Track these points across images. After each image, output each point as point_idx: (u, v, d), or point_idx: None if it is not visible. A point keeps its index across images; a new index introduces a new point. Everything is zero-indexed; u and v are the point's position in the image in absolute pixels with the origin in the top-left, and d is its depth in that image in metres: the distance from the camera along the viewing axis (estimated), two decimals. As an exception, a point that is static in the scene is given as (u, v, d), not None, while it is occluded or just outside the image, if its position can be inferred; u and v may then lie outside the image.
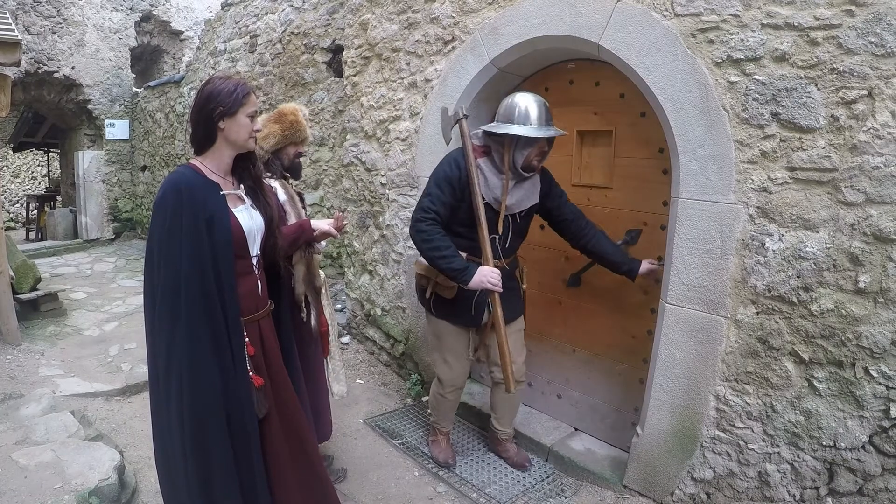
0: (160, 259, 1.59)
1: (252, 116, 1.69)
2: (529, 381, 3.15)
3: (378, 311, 3.94)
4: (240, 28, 6.22)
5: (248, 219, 1.73)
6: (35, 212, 10.86)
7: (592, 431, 2.96)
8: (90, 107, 8.76)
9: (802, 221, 1.99)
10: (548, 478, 2.72)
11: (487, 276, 2.26)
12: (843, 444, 1.97)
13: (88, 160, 9.14)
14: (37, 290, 4.81)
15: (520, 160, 2.31)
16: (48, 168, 13.55)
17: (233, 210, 1.68)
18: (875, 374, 1.89)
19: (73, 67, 8.31)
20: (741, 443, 2.20)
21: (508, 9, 2.78)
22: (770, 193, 2.04)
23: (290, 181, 2.48)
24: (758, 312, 2.11)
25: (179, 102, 7.85)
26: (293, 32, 5.27)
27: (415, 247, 2.41)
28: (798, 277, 2.00)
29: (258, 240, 1.78)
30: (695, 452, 2.31)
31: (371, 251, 3.94)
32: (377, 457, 2.88)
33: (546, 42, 2.67)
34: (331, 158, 5.05)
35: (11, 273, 4.28)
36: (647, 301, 2.65)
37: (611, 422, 2.88)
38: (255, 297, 1.77)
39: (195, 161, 1.71)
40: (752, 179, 2.07)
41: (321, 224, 2.25)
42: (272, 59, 5.63)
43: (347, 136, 4.10)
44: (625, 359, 2.78)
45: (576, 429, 3.03)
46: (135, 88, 9.18)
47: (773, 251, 2.05)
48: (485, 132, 2.39)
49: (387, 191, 3.69)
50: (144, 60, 10.38)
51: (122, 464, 2.52)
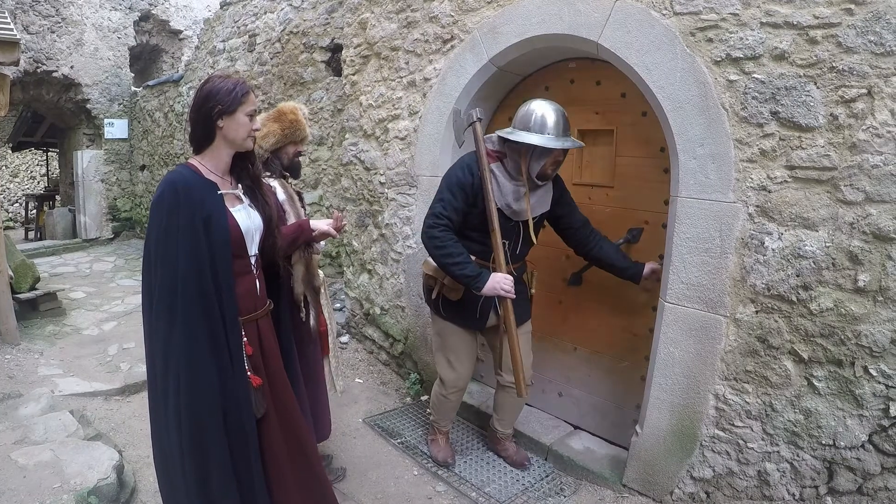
0: (158, 258, 1.59)
1: (251, 115, 1.69)
2: (532, 380, 3.15)
3: (377, 311, 3.93)
4: (238, 27, 6.21)
5: (246, 218, 1.73)
6: (34, 211, 10.84)
7: (594, 429, 2.96)
8: (89, 106, 8.75)
9: (802, 220, 1.99)
10: (547, 477, 2.72)
11: (501, 283, 2.25)
12: (843, 443, 1.97)
13: (87, 159, 9.13)
14: (36, 290, 4.80)
15: (535, 169, 2.30)
16: (47, 167, 13.54)
17: (230, 209, 1.68)
18: (874, 373, 1.89)
19: (72, 67, 8.30)
20: (740, 442, 2.20)
21: (507, 7, 2.78)
22: (769, 192, 2.04)
23: (290, 180, 2.48)
24: (757, 311, 2.11)
25: (178, 102, 7.84)
26: (292, 31, 5.26)
27: (426, 251, 2.40)
28: (797, 276, 2.00)
29: (256, 239, 1.78)
30: (694, 451, 2.31)
31: (370, 250, 3.94)
32: (376, 456, 2.88)
33: (545, 41, 2.67)
34: (330, 157, 5.04)
35: (10, 272, 4.28)
36: (649, 299, 2.65)
37: (613, 419, 2.88)
38: (254, 297, 1.77)
39: (193, 160, 1.71)
40: (752, 178, 2.07)
41: (320, 224, 2.25)
42: (271, 59, 5.61)
43: (346, 136, 4.09)
44: (626, 356, 2.78)
45: (575, 427, 3.02)
46: (134, 88, 9.17)
47: (773, 250, 2.04)
48: (500, 138, 2.37)
49: (386, 190, 3.69)
50: (143, 60, 10.37)
51: (121, 463, 2.52)
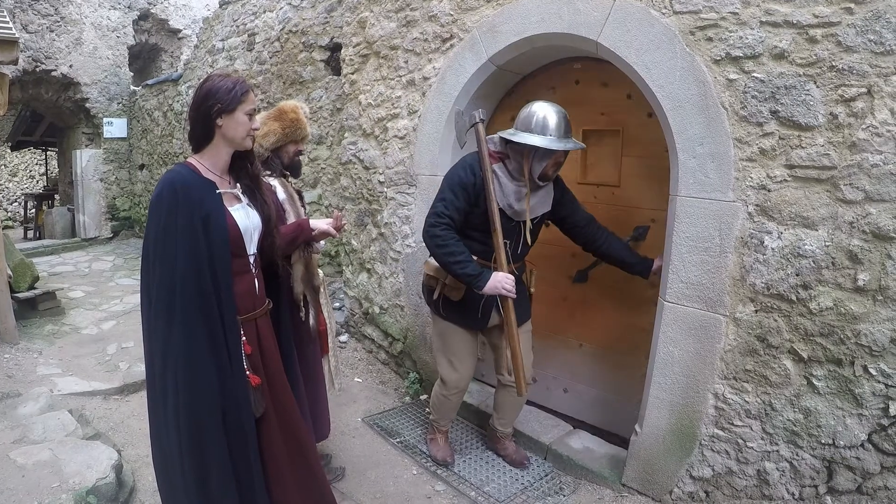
0: (156, 258, 1.59)
1: (250, 114, 1.69)
2: (534, 377, 3.16)
3: (376, 310, 3.93)
4: (238, 26, 6.20)
5: (245, 217, 1.72)
6: (33, 210, 10.83)
7: (600, 424, 2.98)
8: (88, 105, 8.75)
9: (801, 219, 1.99)
10: (546, 476, 2.72)
11: (502, 282, 2.25)
12: (842, 443, 1.97)
13: (86, 159, 9.12)
14: (35, 289, 4.80)
15: (537, 170, 2.31)
16: (46, 167, 13.53)
17: (229, 209, 1.68)
18: (874, 372, 1.89)
19: (71, 66, 8.30)
20: (740, 441, 2.20)
21: (507, 6, 2.78)
22: (769, 191, 2.04)
23: (290, 179, 2.47)
24: (756, 310, 2.11)
25: (177, 101, 7.84)
26: (291, 30, 5.25)
27: (428, 250, 2.40)
28: (797, 275, 2.00)
29: (255, 238, 1.78)
30: (693, 451, 2.31)
31: (369, 249, 3.93)
32: (375, 455, 2.88)
33: (544, 40, 2.67)
34: (329, 157, 5.04)
35: (9, 272, 4.27)
36: (654, 295, 2.63)
37: (619, 414, 2.88)
38: (253, 296, 1.77)
39: (192, 159, 1.70)
40: (751, 177, 2.07)
41: (320, 223, 2.24)
42: (270, 58, 5.61)
43: (346, 135, 4.09)
44: (632, 352, 2.78)
45: (581, 423, 3.03)
46: (133, 87, 9.16)
47: (772, 249, 2.04)
48: (502, 139, 2.38)
49: (385, 189, 3.69)
50: (142, 59, 10.37)
51: (120, 462, 2.52)
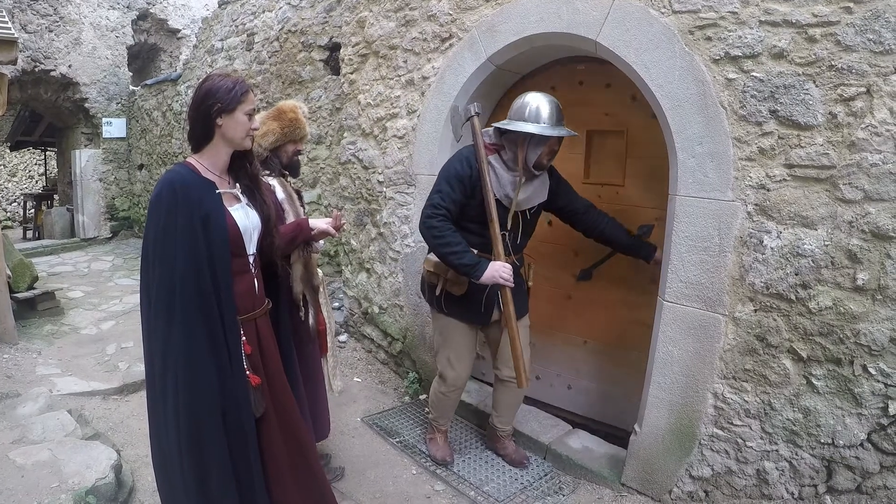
0: (156, 258, 1.58)
1: (250, 114, 1.69)
2: (537, 375, 3.18)
3: (376, 309, 3.93)
4: (237, 26, 6.20)
5: (244, 217, 1.72)
6: (32, 210, 10.83)
7: (605, 420, 2.98)
8: (87, 105, 8.73)
9: (801, 219, 1.99)
10: (546, 476, 2.72)
11: (499, 271, 2.26)
12: (842, 442, 1.97)
13: (85, 159, 9.12)
14: (34, 289, 4.79)
15: (532, 158, 2.33)
16: (45, 167, 13.53)
17: (228, 208, 1.68)
18: (873, 372, 1.89)
19: (70, 66, 8.29)
20: (739, 440, 2.20)
21: (506, 6, 2.77)
22: (768, 191, 2.04)
23: (289, 179, 2.47)
24: (756, 310, 2.11)
25: (176, 101, 7.83)
26: (290, 30, 5.25)
27: (425, 243, 2.41)
28: (796, 275, 2.00)
29: (254, 238, 1.78)
30: (693, 450, 2.31)
31: (368, 249, 3.93)
32: (375, 455, 2.88)
33: (544, 39, 2.67)
34: (328, 156, 5.04)
35: (8, 272, 4.27)
36: (657, 291, 2.64)
37: (623, 410, 2.88)
38: (252, 296, 1.76)
39: (191, 159, 1.70)
40: (751, 176, 2.07)
41: (319, 223, 2.25)
42: (269, 57, 5.60)
43: (345, 134, 4.08)
44: (636, 348, 2.77)
45: (579, 423, 3.03)
46: (132, 87, 9.15)
47: (772, 248, 2.04)
48: (496, 129, 2.40)
49: (384, 188, 3.68)
50: (141, 59, 10.36)
51: (119, 462, 2.52)
